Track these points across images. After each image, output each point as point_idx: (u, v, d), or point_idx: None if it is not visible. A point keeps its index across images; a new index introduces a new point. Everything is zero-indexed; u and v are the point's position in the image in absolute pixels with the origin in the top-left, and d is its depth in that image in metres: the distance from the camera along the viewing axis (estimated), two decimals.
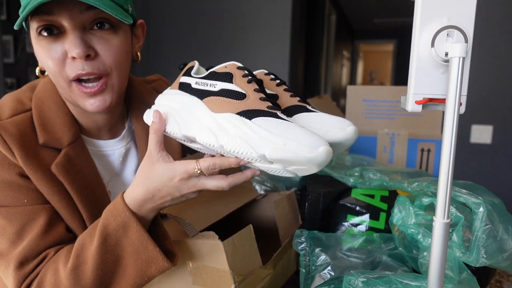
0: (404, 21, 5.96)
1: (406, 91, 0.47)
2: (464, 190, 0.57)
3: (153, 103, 0.60)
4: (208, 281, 0.60)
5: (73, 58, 0.56)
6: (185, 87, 0.55)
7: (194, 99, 0.53)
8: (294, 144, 0.44)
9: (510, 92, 2.03)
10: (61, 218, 0.61)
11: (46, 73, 0.62)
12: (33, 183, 0.59)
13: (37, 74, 0.63)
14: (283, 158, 0.44)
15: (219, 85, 0.52)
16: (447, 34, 0.43)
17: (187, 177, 0.50)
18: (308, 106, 0.57)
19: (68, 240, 0.61)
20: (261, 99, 0.50)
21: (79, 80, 0.58)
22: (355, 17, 6.20)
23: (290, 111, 0.57)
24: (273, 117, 0.48)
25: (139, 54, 0.68)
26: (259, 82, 0.53)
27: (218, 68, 0.53)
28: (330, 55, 4.62)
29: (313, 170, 0.47)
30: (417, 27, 0.44)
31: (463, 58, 0.40)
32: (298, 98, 0.58)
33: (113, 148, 0.72)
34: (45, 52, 0.57)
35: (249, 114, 0.48)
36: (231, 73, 0.53)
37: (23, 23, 0.58)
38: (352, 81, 7.59)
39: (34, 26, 0.56)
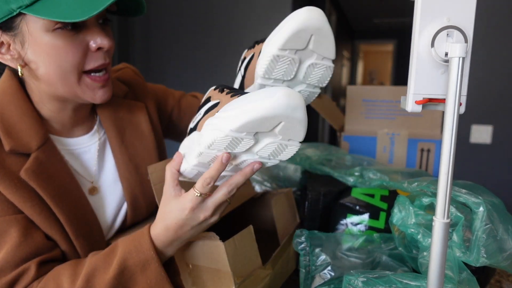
0: (404, 21, 5.96)
1: (406, 91, 0.47)
2: (464, 190, 0.57)
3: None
4: (208, 282, 0.60)
5: (98, 49, 0.59)
6: (189, 132, 0.60)
7: (193, 134, 0.57)
8: (250, 104, 0.44)
9: (510, 92, 2.03)
10: (37, 226, 0.59)
11: (21, 74, 0.60)
12: (1, 194, 0.57)
13: (20, 74, 0.60)
14: (247, 122, 0.44)
15: (203, 110, 0.57)
16: (447, 34, 0.43)
17: (194, 205, 0.53)
18: (244, 93, 0.57)
19: (48, 248, 0.59)
20: (231, 96, 0.52)
21: (88, 72, 0.60)
22: (355, 17, 6.20)
23: None
24: (235, 98, 0.50)
25: None
26: (231, 88, 0.57)
27: (202, 100, 0.60)
28: None
29: (293, 121, 0.45)
30: (417, 27, 0.44)
31: (463, 58, 0.41)
32: (237, 95, 0.57)
33: (88, 144, 0.70)
34: (64, 47, 0.56)
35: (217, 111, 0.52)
36: (209, 96, 0.58)
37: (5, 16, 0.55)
38: (352, 81, 7.59)
39: (46, 21, 0.54)
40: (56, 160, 0.62)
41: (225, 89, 0.56)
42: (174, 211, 0.54)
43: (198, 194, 0.52)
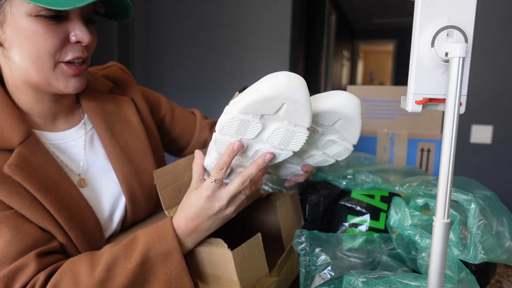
0: (404, 21, 5.96)
1: (406, 91, 0.47)
2: (454, 188, 0.57)
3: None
4: None
5: (77, 42, 0.61)
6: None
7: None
8: (254, 87, 0.47)
9: (510, 92, 2.03)
10: (29, 220, 0.59)
11: None
12: None
13: None
14: (251, 102, 0.46)
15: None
16: (447, 34, 0.43)
17: (210, 193, 0.56)
18: None
19: (45, 240, 0.59)
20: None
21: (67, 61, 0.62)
22: (355, 17, 6.19)
23: None
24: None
25: None
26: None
27: None
28: (330, 55, 4.62)
29: (299, 102, 0.47)
30: (417, 27, 0.44)
31: (463, 58, 0.40)
32: None
33: (74, 138, 0.71)
34: (43, 33, 0.58)
35: None
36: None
37: None
38: (352, 81, 7.59)
39: (31, 6, 0.56)
40: (41, 154, 0.62)
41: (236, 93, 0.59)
42: (192, 200, 0.57)
43: (213, 180, 0.55)
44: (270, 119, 0.50)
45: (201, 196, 0.56)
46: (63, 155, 0.68)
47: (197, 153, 0.62)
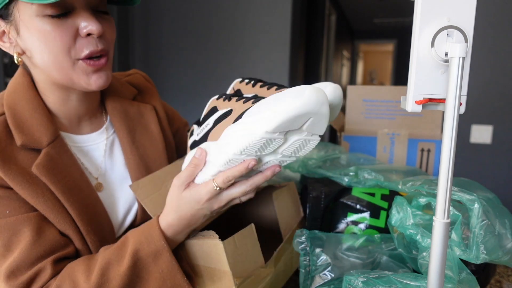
0: (404, 21, 5.95)
1: (406, 91, 0.47)
2: (457, 188, 0.57)
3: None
4: (208, 282, 0.59)
5: (88, 35, 0.58)
6: (193, 145, 0.61)
7: (202, 145, 0.58)
8: (281, 104, 0.45)
9: (510, 92, 2.03)
10: (50, 224, 0.60)
11: (20, 60, 0.61)
12: (13, 193, 0.57)
13: (16, 61, 0.61)
14: (281, 122, 0.45)
15: (211, 120, 0.57)
16: (447, 34, 0.43)
17: (211, 196, 0.55)
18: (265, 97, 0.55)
19: (62, 246, 0.60)
20: (244, 102, 0.53)
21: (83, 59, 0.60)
22: (355, 17, 6.19)
23: None
24: (258, 102, 0.50)
25: None
26: (238, 93, 0.58)
27: (204, 111, 0.60)
28: (330, 55, 4.62)
29: (321, 117, 0.46)
30: (417, 27, 0.44)
31: (463, 58, 0.40)
32: (275, 87, 0.57)
33: (96, 142, 0.71)
34: (52, 32, 0.56)
35: (240, 117, 0.51)
36: (215, 106, 0.58)
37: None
38: (352, 81, 7.59)
39: (39, 5, 0.55)
40: (66, 156, 0.63)
41: (232, 97, 0.56)
42: (189, 202, 0.56)
43: (217, 188, 0.54)
44: (293, 133, 0.49)
45: (200, 198, 0.56)
46: (84, 158, 0.69)
47: (201, 152, 0.57)
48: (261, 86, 0.55)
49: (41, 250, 0.57)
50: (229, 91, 0.60)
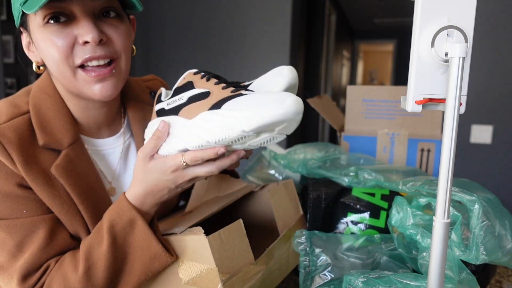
0: (404, 21, 5.96)
1: (406, 91, 0.47)
2: (458, 188, 0.57)
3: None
4: (197, 279, 0.58)
5: (85, 43, 0.57)
6: (161, 113, 0.60)
7: (171, 118, 0.58)
8: (263, 108, 0.47)
9: (510, 92, 2.03)
10: (63, 227, 0.60)
11: (42, 68, 0.63)
12: (32, 193, 0.58)
13: (34, 69, 0.62)
14: (260, 125, 0.47)
15: (185, 95, 0.57)
16: (447, 34, 0.43)
17: (177, 169, 0.55)
18: (242, 91, 0.55)
19: (71, 248, 0.61)
20: (223, 88, 0.54)
21: (83, 66, 0.59)
22: (355, 17, 6.19)
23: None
24: (238, 96, 0.51)
25: (134, 47, 0.69)
26: (217, 76, 0.57)
27: (178, 82, 0.59)
28: (330, 55, 4.62)
29: (294, 123, 0.49)
30: (417, 27, 0.44)
31: (463, 58, 0.40)
32: (231, 89, 0.55)
33: (113, 146, 0.71)
34: (52, 40, 0.56)
35: (218, 105, 0.52)
36: (191, 81, 0.57)
37: (19, 16, 0.58)
38: (352, 81, 7.59)
39: (40, 15, 0.56)
40: (84, 159, 0.64)
41: (212, 78, 0.56)
42: (155, 172, 0.56)
43: (184, 164, 0.54)
44: (266, 132, 0.51)
45: (166, 169, 0.55)
46: (101, 162, 0.69)
47: (163, 125, 0.57)
48: (216, 84, 0.54)
49: (51, 254, 0.58)
50: (180, 82, 0.59)
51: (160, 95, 0.63)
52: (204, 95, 0.54)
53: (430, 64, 0.44)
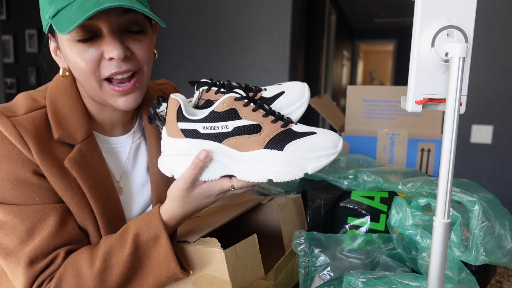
0: (404, 21, 5.96)
1: (406, 91, 0.47)
2: (458, 189, 0.57)
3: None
4: None
5: (111, 59, 0.60)
6: (193, 134, 0.55)
7: (213, 144, 0.55)
8: (322, 153, 0.54)
9: (510, 92, 2.03)
10: (73, 217, 0.62)
11: (67, 74, 0.66)
12: (46, 182, 0.60)
13: (61, 74, 0.66)
14: (320, 167, 0.54)
15: (230, 125, 0.54)
16: (447, 34, 0.43)
17: (222, 192, 0.58)
18: (292, 126, 0.56)
19: (79, 239, 0.62)
20: (272, 122, 0.54)
21: (109, 79, 0.62)
22: (355, 17, 6.20)
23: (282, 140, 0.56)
24: (295, 138, 0.54)
25: (155, 51, 0.72)
26: (261, 104, 0.57)
27: (218, 106, 0.54)
28: (330, 55, 4.62)
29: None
30: (417, 27, 0.44)
31: (463, 58, 0.40)
32: (280, 123, 0.55)
33: (123, 144, 0.73)
34: (80, 54, 0.59)
35: (275, 145, 0.54)
36: (234, 108, 0.54)
37: (48, 25, 0.60)
38: (352, 81, 7.59)
39: (68, 33, 0.58)
40: (96, 155, 0.66)
41: (259, 108, 0.55)
42: (200, 197, 0.58)
43: (232, 190, 0.58)
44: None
45: (212, 194, 0.58)
46: (111, 159, 0.71)
47: (205, 154, 0.54)
48: (264, 116, 0.54)
49: (60, 242, 0.59)
50: (219, 106, 0.54)
51: (180, 109, 0.55)
52: (255, 129, 0.54)
53: (430, 64, 0.44)
